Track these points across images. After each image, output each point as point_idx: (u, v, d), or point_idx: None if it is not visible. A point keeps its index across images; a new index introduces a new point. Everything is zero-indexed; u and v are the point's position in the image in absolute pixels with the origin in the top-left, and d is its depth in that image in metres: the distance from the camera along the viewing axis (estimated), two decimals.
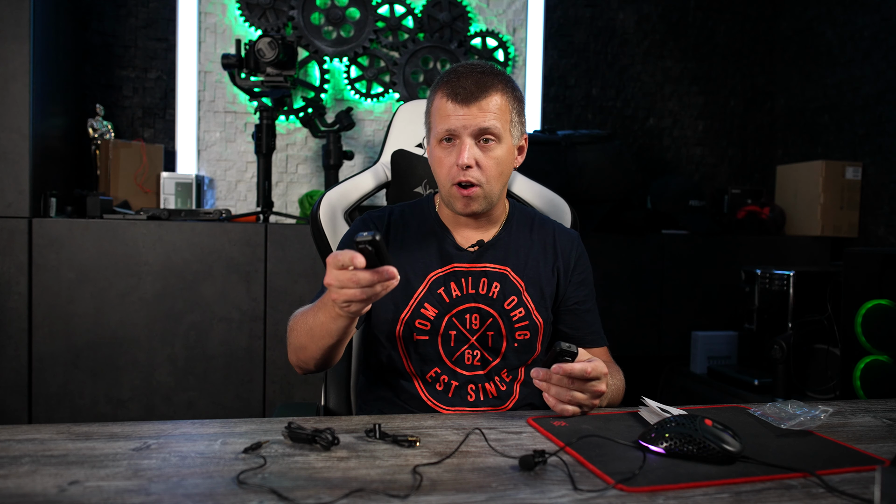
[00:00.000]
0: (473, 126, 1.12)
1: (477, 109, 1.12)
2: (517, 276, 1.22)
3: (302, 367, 1.13)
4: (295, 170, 2.84)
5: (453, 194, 1.16)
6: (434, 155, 1.18)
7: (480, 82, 1.13)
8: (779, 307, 2.32)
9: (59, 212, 2.23)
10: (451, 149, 1.15)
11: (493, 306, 1.20)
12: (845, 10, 2.83)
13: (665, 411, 0.98)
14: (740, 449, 0.83)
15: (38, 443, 0.86)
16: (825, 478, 0.78)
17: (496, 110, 1.13)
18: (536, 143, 2.62)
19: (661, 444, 0.84)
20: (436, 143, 1.17)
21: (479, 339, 1.21)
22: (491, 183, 1.16)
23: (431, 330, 1.19)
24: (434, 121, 1.17)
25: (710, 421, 0.85)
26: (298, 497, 0.70)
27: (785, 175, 2.97)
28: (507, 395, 1.23)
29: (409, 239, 1.24)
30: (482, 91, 1.12)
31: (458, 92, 1.12)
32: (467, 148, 1.12)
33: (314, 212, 1.43)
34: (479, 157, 1.14)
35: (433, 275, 1.21)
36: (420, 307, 1.19)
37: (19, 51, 2.09)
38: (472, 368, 1.20)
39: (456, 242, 1.23)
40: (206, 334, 2.19)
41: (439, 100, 1.15)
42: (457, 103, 1.12)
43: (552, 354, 0.98)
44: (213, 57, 2.74)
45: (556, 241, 1.28)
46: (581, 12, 3.10)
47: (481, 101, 1.12)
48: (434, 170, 1.20)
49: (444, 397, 1.20)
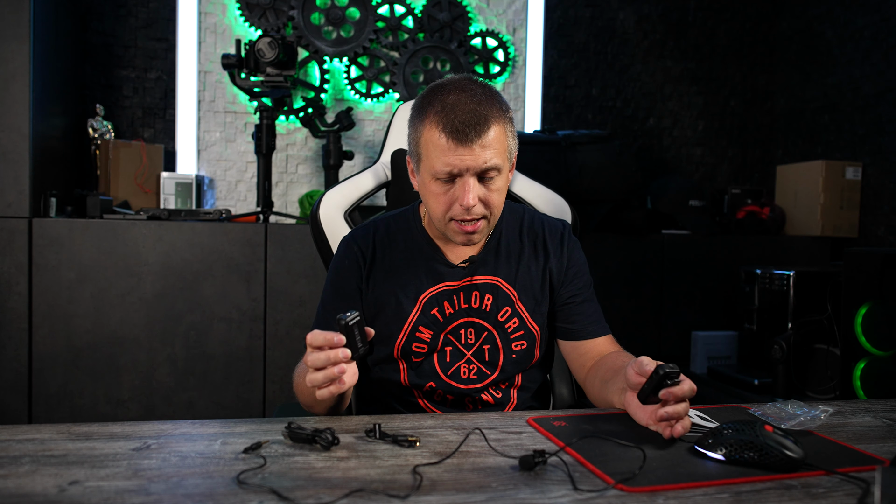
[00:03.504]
0: (476, 166, 1.06)
1: (479, 148, 1.05)
2: (509, 286, 1.19)
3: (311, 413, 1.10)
4: (295, 170, 2.84)
5: (453, 228, 1.11)
6: (429, 189, 1.10)
7: (477, 115, 1.04)
8: (779, 307, 2.32)
9: (59, 212, 2.23)
10: (449, 186, 1.08)
11: (488, 319, 1.18)
12: (845, 10, 2.83)
13: None
14: (803, 455, 0.81)
15: (38, 443, 0.86)
16: (825, 478, 0.78)
17: (496, 144, 1.07)
18: (536, 143, 2.62)
19: (719, 451, 0.84)
20: (431, 178, 1.09)
21: (476, 353, 1.19)
22: (494, 214, 1.12)
23: (428, 351, 1.18)
24: (428, 154, 1.08)
25: (770, 427, 0.85)
26: (298, 497, 0.70)
27: (785, 175, 2.97)
28: (504, 402, 1.22)
29: (398, 258, 1.20)
30: (481, 125, 1.05)
31: (456, 128, 1.04)
32: (471, 189, 1.06)
33: (314, 212, 1.43)
34: (483, 193, 1.08)
35: (424, 295, 1.17)
36: (415, 331, 1.17)
37: (19, 51, 2.09)
38: (469, 382, 1.19)
39: (446, 259, 1.19)
40: (206, 334, 2.19)
41: (432, 132, 1.06)
42: (456, 142, 1.04)
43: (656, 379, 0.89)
44: (213, 57, 2.74)
45: (547, 240, 1.24)
46: (581, 12, 3.10)
47: (482, 137, 1.05)
48: (427, 202, 1.13)
49: (442, 407, 1.20)
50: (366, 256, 1.20)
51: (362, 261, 1.19)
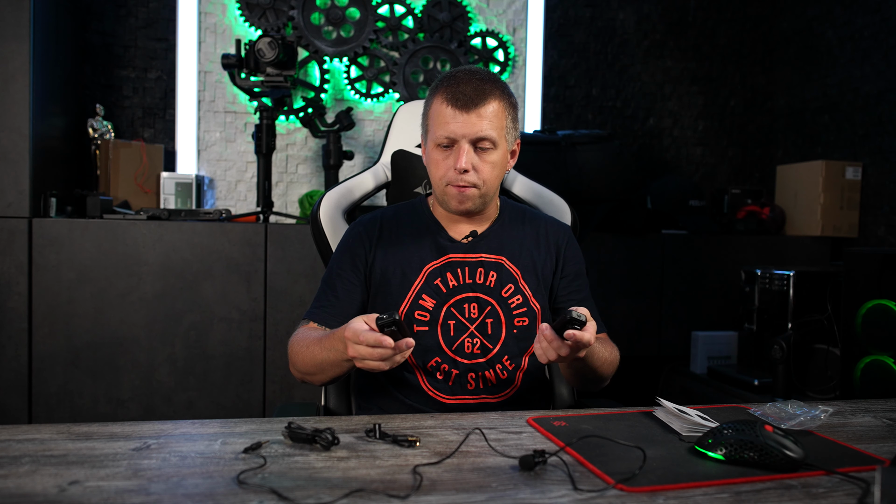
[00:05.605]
0: (472, 133, 1.16)
1: (476, 116, 1.16)
2: (513, 265, 1.26)
3: (307, 382, 1.18)
4: (295, 170, 2.84)
5: (448, 192, 1.21)
6: (431, 157, 1.22)
7: (479, 89, 1.17)
8: (779, 307, 2.32)
9: (59, 212, 2.23)
10: (448, 153, 1.19)
11: (491, 294, 1.24)
12: (845, 10, 2.83)
13: (682, 412, 0.98)
14: (803, 455, 0.82)
15: (38, 443, 0.86)
16: (825, 478, 0.78)
17: (493, 117, 1.17)
18: (536, 143, 2.62)
19: (719, 451, 0.84)
20: (434, 146, 1.21)
21: (479, 327, 1.23)
22: (486, 185, 1.21)
23: (431, 320, 1.22)
24: (433, 124, 1.20)
25: (770, 427, 0.85)
26: (298, 497, 0.70)
27: (785, 175, 2.97)
28: (507, 382, 1.24)
29: (403, 235, 1.28)
30: (481, 98, 1.16)
31: (457, 98, 1.16)
32: (465, 153, 1.17)
33: (314, 212, 1.43)
34: (476, 161, 1.18)
35: (429, 267, 1.24)
36: (419, 298, 1.22)
37: (19, 51, 2.09)
38: (473, 356, 1.23)
39: (449, 235, 1.27)
40: (206, 334, 2.19)
41: (438, 104, 1.19)
42: (456, 109, 1.16)
43: (562, 320, 0.99)
44: (213, 57, 2.74)
45: (548, 233, 1.32)
46: (581, 12, 3.10)
47: (480, 108, 1.16)
48: (430, 170, 1.24)
49: (444, 386, 1.22)
50: (372, 235, 1.27)
51: (367, 239, 1.27)
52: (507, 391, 1.24)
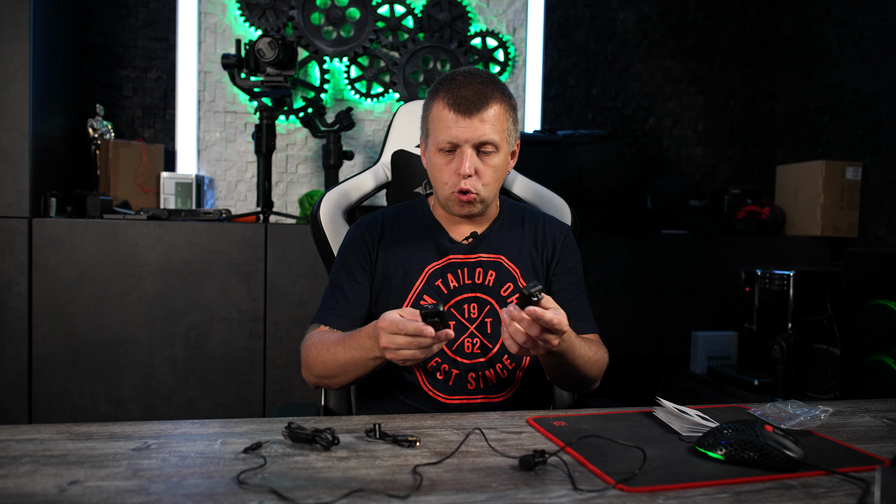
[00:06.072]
0: (474, 138, 1.16)
1: (478, 121, 1.16)
2: (511, 264, 1.27)
3: (322, 386, 1.19)
4: (295, 170, 2.84)
5: (452, 199, 1.21)
6: (433, 162, 1.22)
7: (481, 93, 1.16)
8: (779, 307, 2.32)
9: (59, 212, 2.23)
10: (451, 157, 1.19)
11: (490, 294, 1.25)
12: (845, 10, 2.83)
13: (682, 412, 0.98)
14: (803, 456, 0.82)
15: (38, 443, 0.86)
16: (825, 478, 0.78)
17: (495, 121, 1.17)
18: (536, 143, 2.62)
19: (719, 451, 0.84)
20: (435, 150, 1.20)
21: (479, 326, 1.24)
22: (488, 189, 1.21)
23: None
24: (434, 129, 1.20)
25: (770, 427, 0.85)
26: (298, 497, 0.70)
27: (785, 175, 2.97)
28: (507, 382, 1.24)
29: (405, 236, 1.28)
30: (483, 102, 1.16)
31: (459, 102, 1.15)
32: (468, 158, 1.16)
33: (314, 212, 1.43)
34: (479, 166, 1.18)
35: (430, 267, 1.25)
36: (419, 299, 1.23)
37: (19, 51, 2.09)
38: (473, 356, 1.23)
39: (450, 237, 1.28)
40: (206, 334, 2.19)
41: (439, 108, 1.18)
42: (458, 114, 1.16)
43: (520, 297, 0.97)
44: (213, 57, 2.74)
45: (546, 231, 1.32)
46: (581, 12, 3.10)
47: (482, 112, 1.16)
48: (432, 174, 1.24)
49: (444, 386, 1.22)
50: (374, 236, 1.28)
51: (370, 239, 1.27)
52: (507, 391, 1.24)
